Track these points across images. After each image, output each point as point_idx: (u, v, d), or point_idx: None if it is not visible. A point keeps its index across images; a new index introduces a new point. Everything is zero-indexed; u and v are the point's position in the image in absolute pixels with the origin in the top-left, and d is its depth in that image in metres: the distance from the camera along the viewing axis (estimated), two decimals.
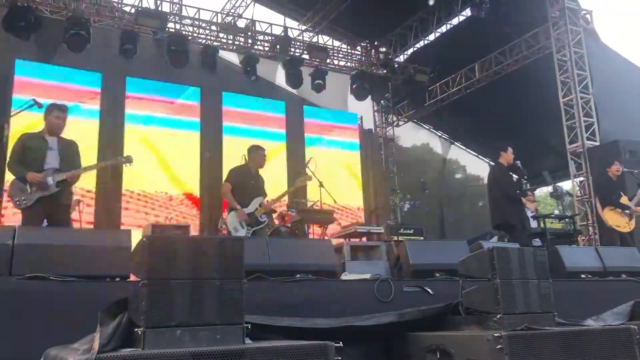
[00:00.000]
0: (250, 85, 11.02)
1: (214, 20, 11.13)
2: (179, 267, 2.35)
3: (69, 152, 5.12)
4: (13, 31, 8.68)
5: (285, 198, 8.02)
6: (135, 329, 2.25)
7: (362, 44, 13.09)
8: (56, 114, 5.07)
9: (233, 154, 10.01)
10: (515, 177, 6.75)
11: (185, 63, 9.99)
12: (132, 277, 3.37)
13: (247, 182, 6.40)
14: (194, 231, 8.80)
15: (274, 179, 8.95)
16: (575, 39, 9.89)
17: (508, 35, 11.35)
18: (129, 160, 5.36)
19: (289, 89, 11.61)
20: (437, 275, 4.25)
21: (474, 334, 3.00)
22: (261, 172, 6.69)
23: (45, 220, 4.90)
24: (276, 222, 7.35)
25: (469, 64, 12.25)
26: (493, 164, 8.02)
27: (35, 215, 4.80)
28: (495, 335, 2.70)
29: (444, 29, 12.04)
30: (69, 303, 2.98)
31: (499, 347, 2.67)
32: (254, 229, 6.17)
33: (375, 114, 14.05)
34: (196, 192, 10.35)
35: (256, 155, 6.56)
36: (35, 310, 2.93)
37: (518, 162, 6.59)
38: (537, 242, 6.65)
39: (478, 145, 15.28)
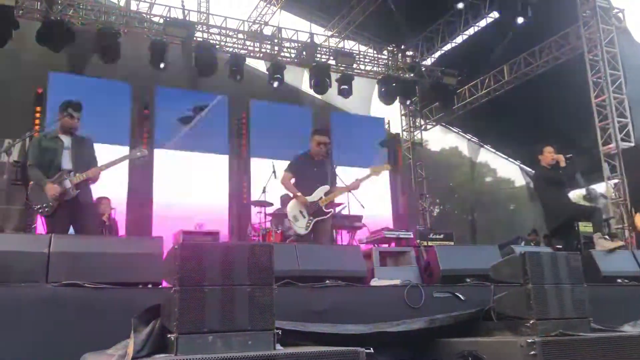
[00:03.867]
0: (277, 92, 11.10)
1: (241, 28, 11.27)
2: (210, 273, 2.38)
3: (83, 150, 4.95)
4: (46, 44, 8.93)
5: None
6: (168, 335, 2.29)
7: (389, 48, 13.10)
8: (70, 112, 4.89)
9: (260, 160, 10.17)
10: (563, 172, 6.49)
11: (213, 72, 10.14)
12: (164, 284, 3.43)
13: (308, 169, 5.83)
14: (222, 237, 8.86)
15: None
16: (607, 38, 9.71)
17: (537, 36, 11.20)
18: (143, 153, 5.13)
19: (315, 94, 11.66)
20: (468, 280, 4.20)
21: (507, 340, 2.97)
22: None
23: (70, 226, 4.76)
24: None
25: (497, 66, 12.13)
26: (533, 171, 7.84)
27: (59, 222, 4.69)
28: (529, 341, 2.66)
29: (471, 31, 11.97)
30: (103, 309, 3.04)
31: (532, 353, 2.63)
32: (317, 219, 5.62)
33: (403, 118, 14.00)
34: (224, 199, 10.45)
35: (312, 142, 5.94)
36: (71, 317, 3.00)
37: (569, 155, 6.36)
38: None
39: (508, 147, 15.10)
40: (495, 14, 11.30)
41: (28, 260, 3.19)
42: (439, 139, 15.49)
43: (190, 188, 10.06)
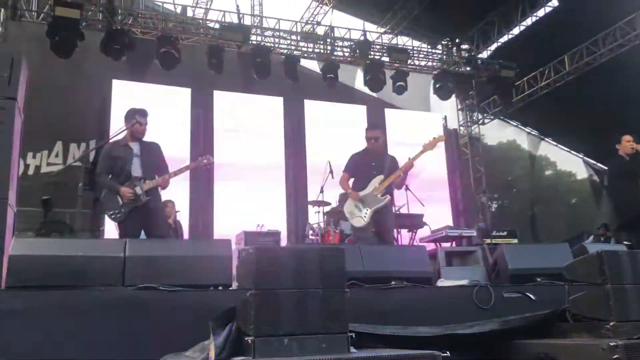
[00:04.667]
0: (331, 91, 11.12)
1: (294, 29, 11.34)
2: (284, 277, 2.41)
3: (152, 157, 5.10)
4: (109, 54, 9.25)
5: None
6: (245, 338, 2.33)
7: (443, 42, 12.88)
8: (137, 119, 5.03)
9: (316, 159, 10.20)
10: None
11: (269, 74, 10.24)
12: (234, 286, 3.50)
13: (366, 166, 5.77)
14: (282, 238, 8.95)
15: None
16: None
17: (599, 24, 10.76)
18: (209, 161, 5.28)
19: (370, 92, 11.61)
20: (539, 280, 4.08)
21: (586, 343, 2.86)
22: None
23: (142, 231, 4.96)
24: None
25: (557, 56, 11.72)
26: (599, 163, 7.52)
27: (131, 227, 4.85)
28: (611, 344, 2.55)
29: (528, 21, 11.62)
30: (177, 311, 3.12)
31: (615, 357, 2.52)
32: (373, 208, 5.52)
33: (459, 112, 13.75)
34: (282, 199, 10.56)
35: (366, 138, 5.89)
36: (147, 319, 3.10)
37: None
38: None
39: (570, 140, 14.60)
40: (554, 2, 10.92)
41: (105, 264, 3.30)
42: (497, 133, 15.14)
43: (249, 189, 10.21)
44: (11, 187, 3.29)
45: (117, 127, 5.90)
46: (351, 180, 5.86)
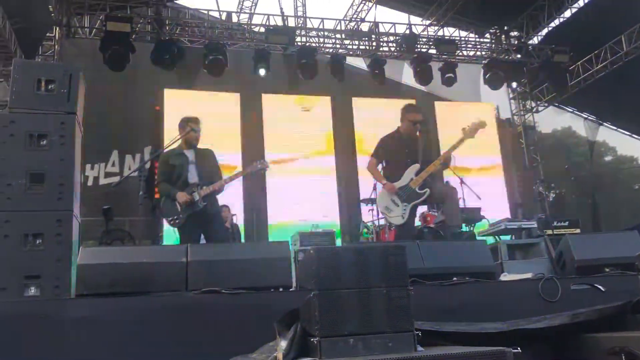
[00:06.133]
0: (379, 87, 11.06)
1: (338, 27, 11.33)
2: (346, 276, 2.40)
3: (207, 163, 5.18)
4: (160, 64, 9.49)
5: None
6: (311, 339, 2.33)
7: (491, 30, 12.60)
8: (191, 126, 5.14)
9: (367, 157, 10.15)
10: None
11: (315, 74, 10.26)
12: (294, 286, 3.53)
13: (398, 151, 5.37)
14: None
15: None
16: None
17: None
18: (264, 165, 5.30)
19: (418, 86, 11.48)
20: (607, 270, 3.92)
21: None
22: None
23: (201, 235, 5.06)
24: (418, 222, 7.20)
25: (614, 37, 11.25)
26: None
27: (191, 232, 4.94)
28: None
29: (580, 2, 11.21)
30: (240, 314, 3.16)
31: None
32: (413, 203, 5.15)
33: (512, 101, 13.42)
34: (334, 198, 10.57)
35: (403, 121, 5.49)
36: (211, 322, 3.15)
37: None
38: None
39: (630, 123, 14.00)
40: None
41: (168, 270, 3.38)
42: (552, 120, 14.72)
43: (301, 190, 10.27)
44: (75, 199, 3.40)
45: (170, 135, 6.07)
46: (380, 167, 5.46)
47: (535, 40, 12.26)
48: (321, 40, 11.14)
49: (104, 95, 9.75)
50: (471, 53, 12.06)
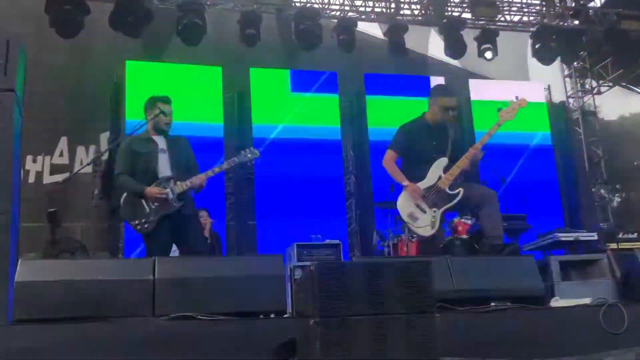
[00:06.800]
0: (398, 61, 11.05)
1: None
2: (356, 300, 2.41)
3: (180, 154, 5.16)
4: (121, 29, 9.46)
5: None
6: None
7: None
8: (160, 107, 5.09)
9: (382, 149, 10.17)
10: None
11: (318, 44, 10.25)
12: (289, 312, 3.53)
13: (423, 141, 5.36)
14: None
15: None
16: None
17: None
18: (254, 155, 5.23)
19: (449, 60, 11.48)
20: None
21: None
22: None
23: (173, 245, 5.02)
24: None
25: None
26: None
27: (160, 241, 4.87)
28: None
29: None
30: (221, 346, 3.18)
31: None
32: (443, 208, 5.14)
33: (567, 80, 13.41)
34: (340, 199, 10.58)
35: (432, 106, 5.50)
36: (185, 355, 3.16)
37: None
38: None
39: None
40: None
41: (130, 289, 3.41)
42: (617, 104, 14.74)
43: (299, 188, 10.26)
44: (13, 199, 3.42)
45: (133, 120, 6.07)
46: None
47: (597, 1, 12.25)
48: (325, 0, 11.13)
49: (50, 69, 9.76)
50: (516, 18, 12.03)
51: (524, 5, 12.13)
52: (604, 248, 6.86)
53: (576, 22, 11.87)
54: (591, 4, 12.18)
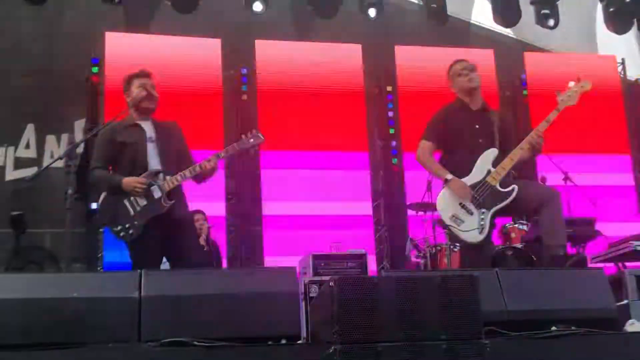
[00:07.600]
0: (436, 31, 11.03)
1: None
2: (385, 322, 2.41)
3: (173, 141, 5.12)
4: None
5: None
6: None
7: None
8: (138, 83, 5.04)
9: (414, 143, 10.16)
10: None
11: (336, 11, 10.25)
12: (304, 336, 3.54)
13: (465, 129, 5.30)
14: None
15: None
16: None
17: None
18: (258, 139, 5.11)
19: (500, 29, 11.45)
20: None
21: None
22: None
23: (162, 256, 4.96)
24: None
25: None
26: None
27: (148, 250, 4.83)
28: None
29: None
30: None
31: None
32: (495, 209, 5.06)
33: None
34: (366, 202, 10.57)
35: (455, 76, 5.41)
36: None
37: None
38: None
39: None
40: None
41: (112, 309, 3.41)
42: None
43: (315, 186, 10.28)
44: None
45: (114, 104, 6.05)
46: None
47: None
48: None
49: (15, 42, 9.81)
50: None
51: None
52: None
53: None
54: None
